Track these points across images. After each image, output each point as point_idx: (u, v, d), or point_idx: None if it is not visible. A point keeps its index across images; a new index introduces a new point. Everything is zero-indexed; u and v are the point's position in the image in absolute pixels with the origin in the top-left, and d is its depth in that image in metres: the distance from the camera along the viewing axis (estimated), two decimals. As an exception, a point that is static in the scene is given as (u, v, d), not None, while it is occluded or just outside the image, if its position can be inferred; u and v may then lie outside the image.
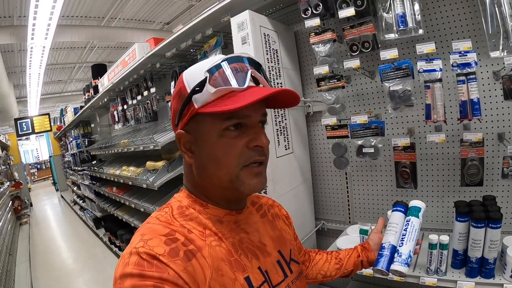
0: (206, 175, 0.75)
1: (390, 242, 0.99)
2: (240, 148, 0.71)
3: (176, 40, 2.57)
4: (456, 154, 1.63)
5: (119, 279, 0.60)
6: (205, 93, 0.69)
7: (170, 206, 0.77)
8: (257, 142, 0.72)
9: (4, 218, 5.95)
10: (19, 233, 7.63)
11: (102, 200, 5.78)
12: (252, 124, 0.72)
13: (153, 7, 8.13)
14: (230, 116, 0.69)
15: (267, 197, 1.05)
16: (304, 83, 2.26)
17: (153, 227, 0.70)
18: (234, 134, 0.70)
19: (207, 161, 0.73)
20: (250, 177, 0.73)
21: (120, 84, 3.98)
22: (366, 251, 1.08)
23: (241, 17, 1.80)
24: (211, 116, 0.70)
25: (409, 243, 0.97)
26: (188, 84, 0.72)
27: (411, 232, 0.98)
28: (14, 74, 11.26)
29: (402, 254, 0.95)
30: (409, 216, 1.03)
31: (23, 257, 5.73)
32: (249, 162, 0.72)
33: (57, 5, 4.90)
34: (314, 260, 1.14)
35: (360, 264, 1.08)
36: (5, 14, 7.00)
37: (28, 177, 17.15)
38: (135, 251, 0.63)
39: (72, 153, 8.51)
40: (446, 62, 1.47)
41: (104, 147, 5.00)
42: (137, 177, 3.36)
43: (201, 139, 0.73)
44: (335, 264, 1.11)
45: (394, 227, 1.03)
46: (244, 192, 0.74)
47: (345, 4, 1.61)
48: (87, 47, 10.47)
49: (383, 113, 1.85)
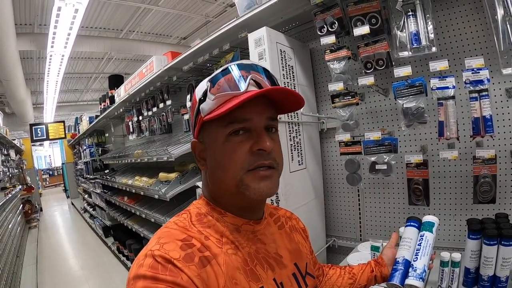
0: (215, 182, 0.77)
1: (404, 257, 0.99)
2: (244, 152, 0.71)
3: (193, 54, 2.64)
4: (469, 171, 1.62)
5: (132, 279, 0.61)
6: (208, 101, 0.72)
7: (188, 212, 0.78)
8: (260, 145, 0.71)
9: (14, 220, 6.04)
10: (28, 236, 7.72)
11: (112, 209, 5.82)
12: (255, 128, 0.72)
13: (171, 22, 8.33)
14: (232, 120, 0.70)
15: (285, 209, 1.05)
16: (318, 100, 2.29)
17: (170, 232, 0.70)
18: (238, 139, 0.71)
19: (215, 167, 0.75)
20: (255, 180, 0.71)
21: (136, 95, 4.07)
22: (379, 266, 1.07)
23: (258, 33, 1.85)
24: (215, 123, 0.72)
25: (424, 257, 0.96)
26: (197, 96, 0.76)
27: (425, 247, 0.98)
28: (31, 81, 11.52)
29: (416, 269, 0.94)
30: (423, 231, 1.03)
31: (30, 260, 5.79)
32: (254, 166, 0.71)
33: (77, 15, 5.03)
34: (327, 274, 1.13)
35: (373, 279, 1.07)
36: (26, 21, 7.23)
37: (40, 182, 17.39)
38: (151, 253, 0.63)
39: (85, 161, 8.64)
40: (459, 79, 1.48)
41: (117, 157, 5.07)
42: (150, 187, 3.40)
43: (209, 146, 0.76)
44: (348, 279, 1.10)
45: (408, 242, 1.02)
46: (251, 196, 0.72)
47: (360, 23, 1.66)
48: (105, 58, 10.70)
49: (396, 130, 1.87)
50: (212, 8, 7.80)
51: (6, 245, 4.45)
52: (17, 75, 7.61)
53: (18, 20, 6.92)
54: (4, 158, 8.08)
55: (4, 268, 3.87)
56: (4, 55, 6.05)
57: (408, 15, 1.51)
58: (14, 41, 5.90)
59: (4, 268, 3.86)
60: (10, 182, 8.73)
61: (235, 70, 0.73)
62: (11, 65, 6.72)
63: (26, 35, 6.94)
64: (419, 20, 1.49)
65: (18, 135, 14.52)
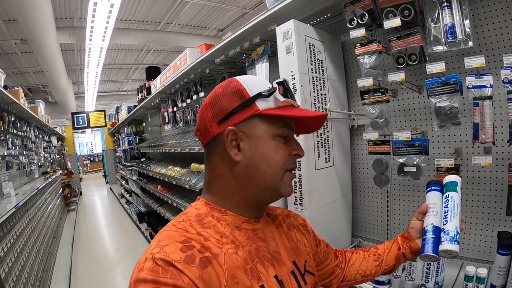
0: (253, 174, 0.78)
1: (433, 223, 0.92)
2: (286, 154, 0.80)
3: (225, 47, 2.64)
4: (504, 179, 1.49)
5: (133, 284, 0.61)
6: (272, 99, 0.79)
7: (187, 214, 0.79)
8: (298, 151, 0.83)
9: (53, 203, 6.37)
10: (66, 218, 8.17)
11: (147, 196, 6.02)
12: (292, 137, 0.84)
13: (208, 13, 8.38)
14: (285, 124, 0.80)
15: (282, 208, 1.05)
16: (349, 95, 2.21)
17: (170, 234, 0.71)
18: (283, 141, 0.80)
19: (260, 159, 0.77)
20: (289, 181, 0.82)
21: (171, 87, 4.15)
22: (407, 241, 1.02)
23: (285, 27, 1.80)
24: (270, 120, 0.78)
25: (454, 218, 0.89)
26: (249, 89, 0.79)
27: (453, 208, 0.91)
28: (73, 72, 12.09)
29: (449, 232, 0.87)
30: (446, 192, 0.96)
31: (67, 241, 6.13)
32: (290, 167, 0.82)
33: (113, 9, 5.22)
34: (350, 260, 1.11)
35: (402, 257, 1.03)
36: (66, 16, 7.56)
37: (81, 168, 18.27)
38: (151, 257, 0.63)
39: (123, 149, 8.96)
40: (497, 77, 1.35)
41: (153, 146, 5.22)
42: (181, 177, 3.46)
43: (256, 138, 0.78)
44: (374, 261, 1.06)
45: (433, 208, 0.96)
46: (283, 193, 0.81)
47: (392, 14, 1.56)
48: (144, 50, 11.00)
49: (430, 130, 1.75)
50: (249, 0, 7.77)
51: (44, 226, 4.72)
52: (59, 67, 8.03)
53: (59, 14, 7.27)
54: (46, 145, 8.56)
55: (40, 247, 4.11)
56: (45, 48, 6.43)
57: (443, 6, 1.39)
58: (54, 34, 6.23)
59: (40, 247, 4.10)
60: (51, 167, 9.23)
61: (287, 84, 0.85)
62: (52, 57, 7.13)
63: (66, 29, 7.24)
64: (454, 12, 1.38)
65: (61, 122, 15.31)
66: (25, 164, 5.58)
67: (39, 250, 3.97)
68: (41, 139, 7.98)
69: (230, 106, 0.78)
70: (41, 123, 7.52)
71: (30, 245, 3.52)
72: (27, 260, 3.26)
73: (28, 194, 3.96)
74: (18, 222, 3.23)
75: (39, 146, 7.48)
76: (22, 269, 2.98)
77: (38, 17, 5.10)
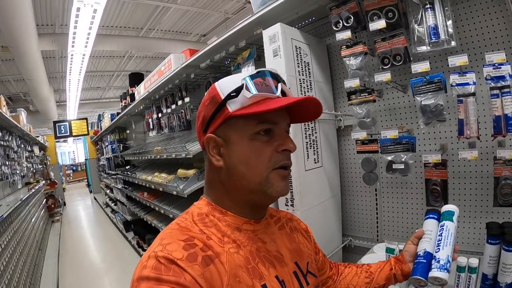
0: (235, 178, 0.77)
1: (426, 249, 0.94)
2: (270, 152, 0.75)
3: (210, 52, 2.63)
4: (490, 172, 1.54)
5: (136, 281, 0.61)
6: (241, 98, 0.73)
7: (190, 213, 0.80)
8: (286, 146, 0.76)
9: (38, 214, 6.23)
10: (51, 230, 7.97)
11: (133, 204, 5.93)
12: (279, 131, 0.77)
13: (190, 19, 8.39)
14: (263, 120, 0.74)
15: (286, 211, 1.05)
16: (336, 97, 2.25)
17: (172, 232, 0.71)
18: (264, 139, 0.75)
19: (238, 163, 0.75)
20: (278, 179, 0.76)
21: (155, 92, 4.12)
22: (400, 263, 1.03)
23: (272, 30, 1.83)
24: (244, 120, 0.74)
25: (446, 247, 0.91)
26: (222, 92, 0.76)
27: (447, 237, 0.93)
28: (54, 79, 11.87)
29: (440, 260, 0.89)
30: (442, 221, 0.98)
31: (52, 253, 5.96)
32: (278, 165, 0.76)
33: (96, 15, 5.14)
34: (342, 273, 1.11)
35: (393, 278, 1.03)
36: (48, 22, 7.46)
37: (64, 178, 17.90)
38: (154, 254, 0.64)
39: (107, 157, 8.84)
40: (480, 75, 1.41)
41: (138, 153, 5.15)
42: (168, 183, 3.42)
43: (232, 142, 0.76)
44: (365, 278, 1.06)
45: (428, 234, 0.98)
46: (271, 194, 0.76)
47: (376, 17, 1.61)
48: (126, 56, 10.91)
49: (415, 128, 1.81)
50: (231, 5, 7.83)
51: (28, 238, 4.59)
52: (40, 74, 7.88)
53: (40, 21, 7.17)
54: (28, 154, 8.38)
55: (26, 260, 4.00)
56: (26, 55, 6.28)
57: (426, 8, 1.45)
58: (36, 41, 6.10)
59: (26, 260, 3.99)
60: (34, 178, 9.02)
61: (268, 74, 0.78)
62: (34, 65, 6.97)
63: (48, 35, 7.15)
64: (437, 13, 1.43)
65: (42, 132, 14.96)
66: (7, 175, 5.45)
67: (25, 263, 3.86)
68: (24, 149, 7.80)
69: (208, 113, 0.78)
70: (23, 132, 7.34)
71: (15, 258, 3.43)
72: (13, 273, 3.17)
73: (12, 206, 3.85)
74: (3, 234, 3.15)
75: (22, 156, 7.31)
76: (9, 283, 2.89)
77: (19, 24, 4.99)
